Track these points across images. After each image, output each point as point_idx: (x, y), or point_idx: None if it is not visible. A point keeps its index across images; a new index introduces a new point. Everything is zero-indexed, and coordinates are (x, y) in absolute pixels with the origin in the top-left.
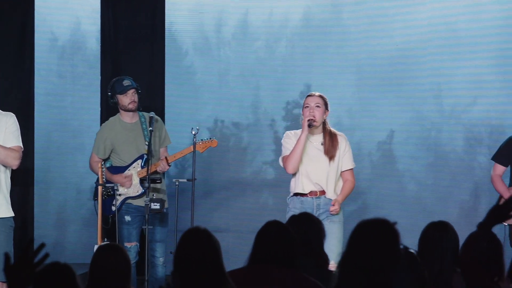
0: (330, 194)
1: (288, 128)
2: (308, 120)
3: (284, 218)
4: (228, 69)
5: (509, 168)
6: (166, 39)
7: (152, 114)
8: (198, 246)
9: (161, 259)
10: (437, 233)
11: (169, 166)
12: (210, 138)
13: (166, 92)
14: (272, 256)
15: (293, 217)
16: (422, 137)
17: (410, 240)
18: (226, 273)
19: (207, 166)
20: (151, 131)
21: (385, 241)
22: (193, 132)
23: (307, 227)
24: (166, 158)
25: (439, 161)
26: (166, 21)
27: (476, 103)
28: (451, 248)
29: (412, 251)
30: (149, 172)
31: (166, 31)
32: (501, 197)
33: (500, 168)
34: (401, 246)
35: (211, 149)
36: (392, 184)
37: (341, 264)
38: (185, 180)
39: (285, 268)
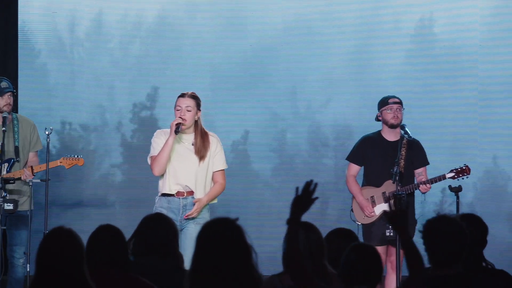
0: (199, 195)
1: (136, 131)
2: (176, 125)
3: (132, 220)
4: (81, 70)
5: (363, 168)
6: (19, 39)
7: (15, 115)
8: (60, 247)
9: (21, 260)
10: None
11: (34, 175)
12: (77, 156)
13: (19, 92)
14: (106, 259)
15: (146, 218)
16: (275, 139)
17: (256, 241)
18: (88, 275)
19: (58, 168)
20: (4, 131)
21: (229, 237)
22: (47, 132)
23: (161, 228)
24: (31, 167)
25: (286, 163)
26: (19, 20)
27: (328, 105)
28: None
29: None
30: (1, 174)
31: (19, 31)
32: (353, 197)
33: (354, 168)
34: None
35: (60, 150)
36: (242, 183)
37: (192, 266)
38: (38, 181)
39: (119, 271)
